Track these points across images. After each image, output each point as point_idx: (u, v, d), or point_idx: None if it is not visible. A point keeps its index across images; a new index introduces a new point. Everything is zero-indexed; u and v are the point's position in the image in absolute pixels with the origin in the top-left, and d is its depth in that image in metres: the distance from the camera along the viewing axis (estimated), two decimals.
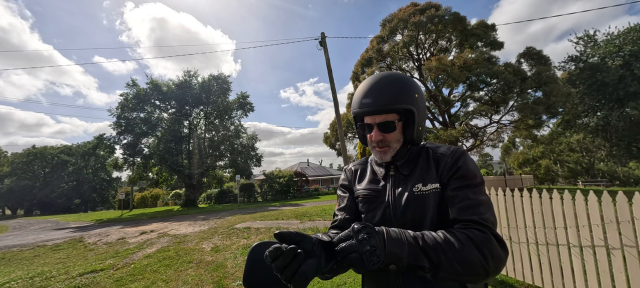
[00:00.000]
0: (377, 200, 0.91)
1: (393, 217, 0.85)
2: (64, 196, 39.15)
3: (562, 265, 2.84)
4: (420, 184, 0.84)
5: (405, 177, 0.88)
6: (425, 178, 0.84)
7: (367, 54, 21.26)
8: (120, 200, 23.85)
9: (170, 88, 22.86)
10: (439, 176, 0.83)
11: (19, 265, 6.20)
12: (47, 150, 41.13)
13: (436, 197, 0.81)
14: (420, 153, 0.91)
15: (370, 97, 0.84)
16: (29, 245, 8.59)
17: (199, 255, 5.64)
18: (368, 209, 0.93)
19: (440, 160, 0.85)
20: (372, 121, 0.86)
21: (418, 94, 0.86)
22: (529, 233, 3.44)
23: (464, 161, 0.82)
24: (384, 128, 0.85)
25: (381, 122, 0.85)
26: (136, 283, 4.18)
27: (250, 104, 25.81)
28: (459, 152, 0.85)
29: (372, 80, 0.87)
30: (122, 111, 21.08)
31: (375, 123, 0.86)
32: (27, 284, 4.53)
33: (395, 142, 0.87)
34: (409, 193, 0.84)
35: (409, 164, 0.90)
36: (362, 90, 0.87)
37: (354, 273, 3.75)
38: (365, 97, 0.85)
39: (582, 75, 18.78)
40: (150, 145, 22.60)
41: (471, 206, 0.74)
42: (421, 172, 0.86)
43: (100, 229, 11.42)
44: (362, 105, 0.85)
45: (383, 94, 0.83)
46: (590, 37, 19.56)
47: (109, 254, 6.47)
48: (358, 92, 0.88)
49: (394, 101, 0.82)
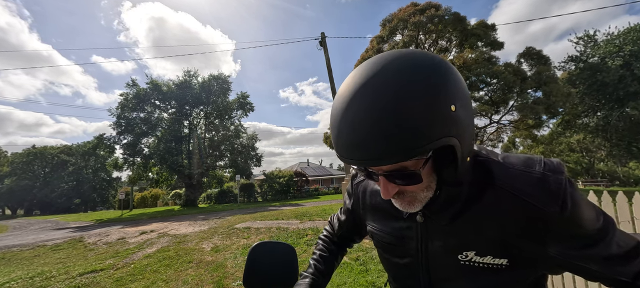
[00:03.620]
0: (401, 250, 0.65)
1: (429, 285, 0.61)
2: (64, 196, 39.17)
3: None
4: (473, 252, 0.53)
5: (443, 229, 0.56)
6: (482, 241, 0.52)
7: (367, 54, 21.27)
8: (120, 200, 23.87)
9: (170, 88, 22.88)
10: (519, 235, 0.50)
11: (19, 265, 6.20)
12: (47, 150, 41.16)
13: (506, 274, 0.52)
14: (475, 185, 0.53)
15: (355, 142, 0.43)
16: (29, 245, 8.59)
17: (199, 255, 5.64)
18: (390, 257, 0.69)
19: (527, 210, 0.48)
20: (376, 168, 0.50)
21: (456, 101, 0.44)
22: None
23: (574, 205, 0.46)
24: (396, 179, 0.49)
25: (390, 172, 0.48)
26: (136, 283, 4.18)
27: (250, 103, 25.83)
28: (563, 190, 0.47)
29: (358, 97, 0.43)
30: (122, 111, 21.11)
31: (382, 171, 0.49)
32: (27, 284, 4.53)
33: (423, 191, 0.51)
34: (451, 259, 0.56)
35: (449, 207, 0.54)
36: (335, 123, 0.47)
37: (354, 273, 3.75)
38: (346, 139, 0.45)
39: (582, 75, 18.79)
40: (151, 145, 22.63)
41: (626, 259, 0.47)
42: (475, 225, 0.53)
43: (100, 229, 11.42)
44: (349, 154, 0.45)
45: (382, 134, 0.41)
46: (590, 37, 19.56)
47: (109, 254, 6.47)
48: (335, 115, 0.47)
49: (410, 145, 0.41)
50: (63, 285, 4.30)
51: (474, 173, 0.53)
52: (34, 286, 4.40)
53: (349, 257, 4.35)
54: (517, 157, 0.53)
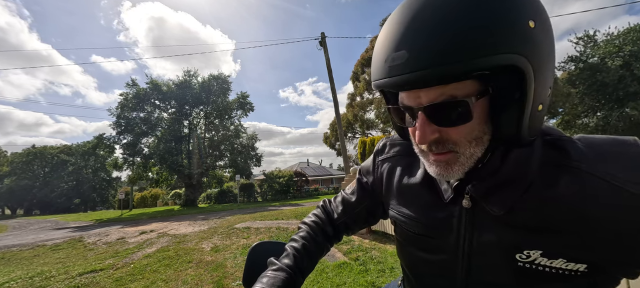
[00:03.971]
0: (435, 244, 0.50)
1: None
2: (63, 196, 39.18)
3: None
4: (539, 253, 0.40)
5: (498, 219, 0.43)
6: (553, 238, 0.39)
7: (368, 54, 21.30)
8: (120, 200, 23.87)
9: (170, 88, 22.88)
10: (609, 232, 0.37)
11: (19, 264, 6.19)
12: (47, 150, 41.17)
13: (580, 282, 0.40)
14: (546, 166, 0.41)
15: (403, 48, 0.36)
16: (28, 245, 8.59)
17: (198, 255, 5.64)
18: (416, 251, 0.54)
19: (625, 199, 0.36)
20: (415, 101, 0.40)
21: (537, 18, 0.35)
22: None
23: None
24: (439, 115, 0.38)
25: (433, 105, 0.38)
26: (136, 283, 4.17)
27: (250, 103, 25.83)
28: None
29: (405, 13, 0.37)
30: (122, 111, 21.11)
31: (422, 106, 0.39)
32: (26, 284, 4.53)
33: (471, 144, 0.40)
34: (505, 259, 0.43)
35: (507, 188, 0.42)
36: (386, 33, 0.39)
37: (354, 273, 3.75)
38: (394, 46, 0.37)
39: (581, 76, 18.81)
40: (150, 145, 22.63)
41: None
42: (544, 216, 0.40)
43: (99, 229, 11.42)
44: (391, 66, 0.37)
45: (436, 32, 0.34)
46: (590, 37, 19.59)
47: (109, 254, 6.47)
48: (385, 32, 0.40)
49: (469, 49, 0.33)
50: (63, 285, 4.30)
51: (544, 153, 0.42)
52: (34, 286, 4.39)
53: (349, 257, 4.34)
54: (598, 137, 0.42)
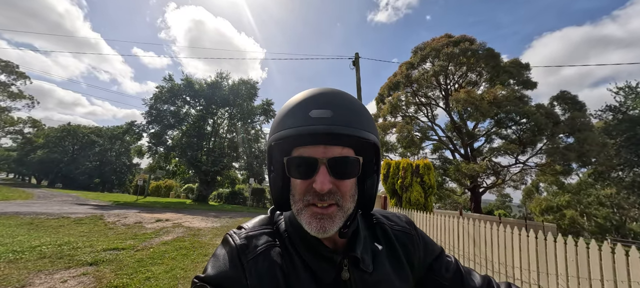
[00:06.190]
0: None
1: None
2: (86, 174, 41.13)
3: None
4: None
5: (369, 278, 0.50)
6: (400, 279, 0.54)
7: (395, 78, 21.39)
8: (136, 185, 24.69)
9: (201, 86, 23.91)
10: (412, 264, 0.58)
11: (46, 231, 6.55)
12: (80, 129, 43.74)
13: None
14: (374, 227, 0.60)
15: (327, 108, 0.45)
16: (54, 215, 9.06)
17: (213, 249, 5.74)
18: None
19: (406, 237, 0.60)
20: (321, 154, 0.46)
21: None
22: (560, 281, 3.27)
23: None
24: (338, 168, 0.46)
25: (335, 158, 0.46)
26: (156, 266, 4.31)
27: (274, 111, 26.42)
28: (410, 220, 0.65)
29: (322, 89, 0.50)
30: (155, 102, 22.21)
31: (326, 158, 0.46)
32: (56, 250, 4.78)
33: (349, 199, 0.48)
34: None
35: (366, 244, 0.54)
36: (307, 97, 0.48)
37: None
38: (318, 106, 0.46)
39: (620, 127, 17.91)
40: (175, 138, 23.52)
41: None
42: (391, 265, 0.55)
43: (118, 210, 11.87)
44: (311, 118, 0.45)
45: (347, 107, 0.47)
46: (632, 88, 18.75)
47: (128, 235, 6.71)
48: (297, 100, 0.49)
49: (363, 125, 0.47)
50: (89, 257, 4.51)
51: (372, 219, 0.61)
52: (63, 253, 4.64)
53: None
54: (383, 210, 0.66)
